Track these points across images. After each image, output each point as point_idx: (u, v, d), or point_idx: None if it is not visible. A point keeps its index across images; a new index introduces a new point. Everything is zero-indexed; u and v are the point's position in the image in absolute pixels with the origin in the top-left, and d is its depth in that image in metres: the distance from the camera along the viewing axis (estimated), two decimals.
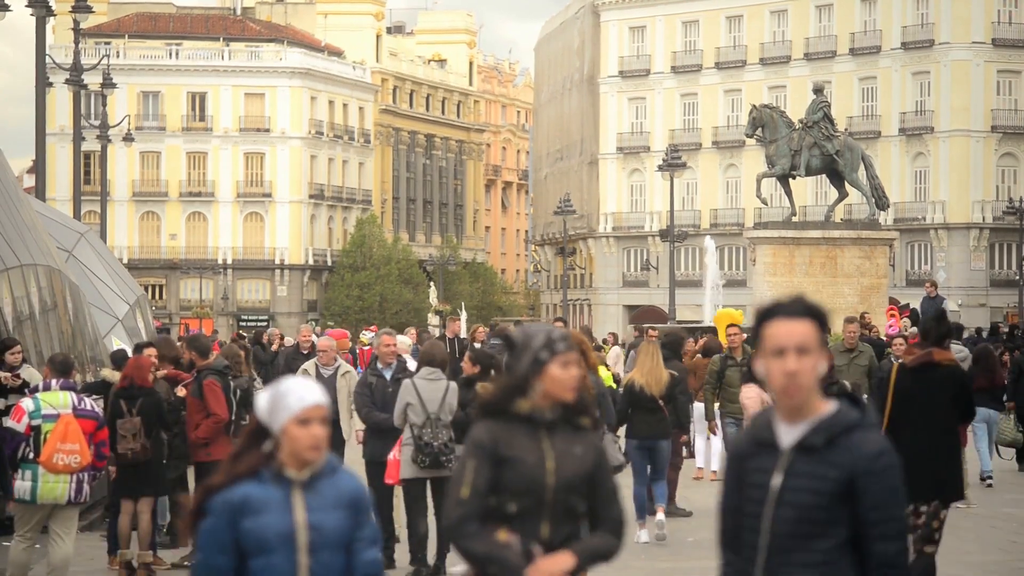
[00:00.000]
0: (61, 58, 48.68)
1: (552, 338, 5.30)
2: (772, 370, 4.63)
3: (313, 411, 4.97)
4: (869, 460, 4.55)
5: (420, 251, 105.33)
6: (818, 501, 4.57)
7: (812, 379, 4.61)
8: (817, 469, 4.58)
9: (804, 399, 4.61)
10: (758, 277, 41.83)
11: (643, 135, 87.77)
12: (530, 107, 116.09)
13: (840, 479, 4.56)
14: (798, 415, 4.63)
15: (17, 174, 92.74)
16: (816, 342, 4.62)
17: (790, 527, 4.59)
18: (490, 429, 5.24)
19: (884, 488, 4.56)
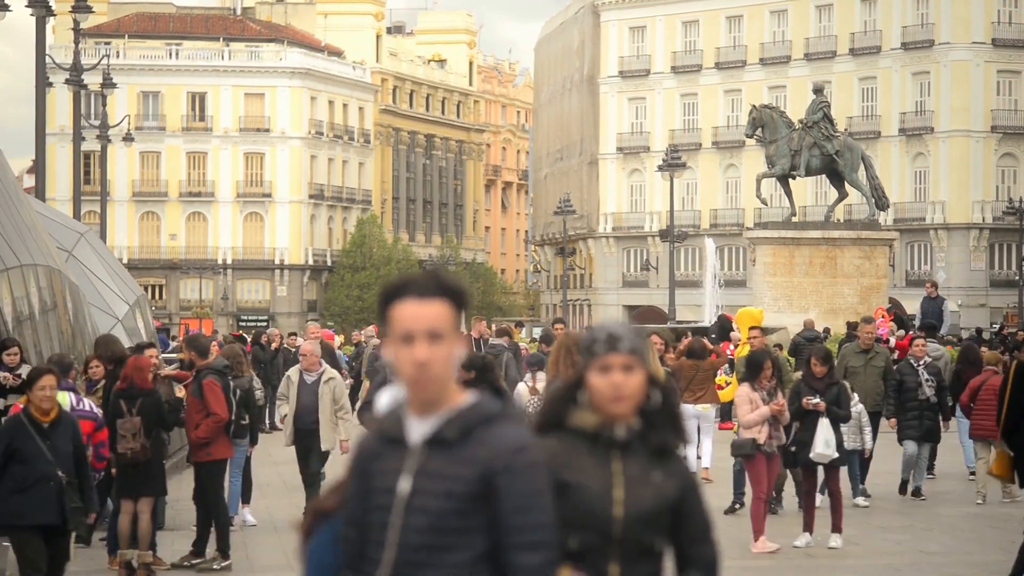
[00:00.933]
0: (61, 58, 48.68)
1: (594, 338, 4.47)
2: (400, 359, 3.99)
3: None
4: (509, 455, 3.96)
5: (420, 251, 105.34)
6: (452, 505, 3.96)
7: (446, 369, 4.00)
8: (450, 468, 3.97)
9: (437, 392, 4.00)
10: (758, 277, 41.84)
11: (643, 135, 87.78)
12: (530, 107, 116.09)
13: (475, 478, 3.95)
14: (431, 408, 4.01)
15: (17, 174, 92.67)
16: (451, 326, 3.99)
17: (421, 538, 3.95)
18: (549, 447, 4.35)
19: (525, 489, 3.95)
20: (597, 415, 4.38)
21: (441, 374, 3.99)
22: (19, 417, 10.80)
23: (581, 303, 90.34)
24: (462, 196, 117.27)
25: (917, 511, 17.62)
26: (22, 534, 10.63)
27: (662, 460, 4.42)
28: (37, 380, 10.75)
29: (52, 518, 10.52)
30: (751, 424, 14.29)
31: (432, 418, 4.00)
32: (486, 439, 3.97)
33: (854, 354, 18.91)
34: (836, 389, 15.04)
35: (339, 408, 16.14)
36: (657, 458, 4.42)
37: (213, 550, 13.80)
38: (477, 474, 3.94)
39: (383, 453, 4.04)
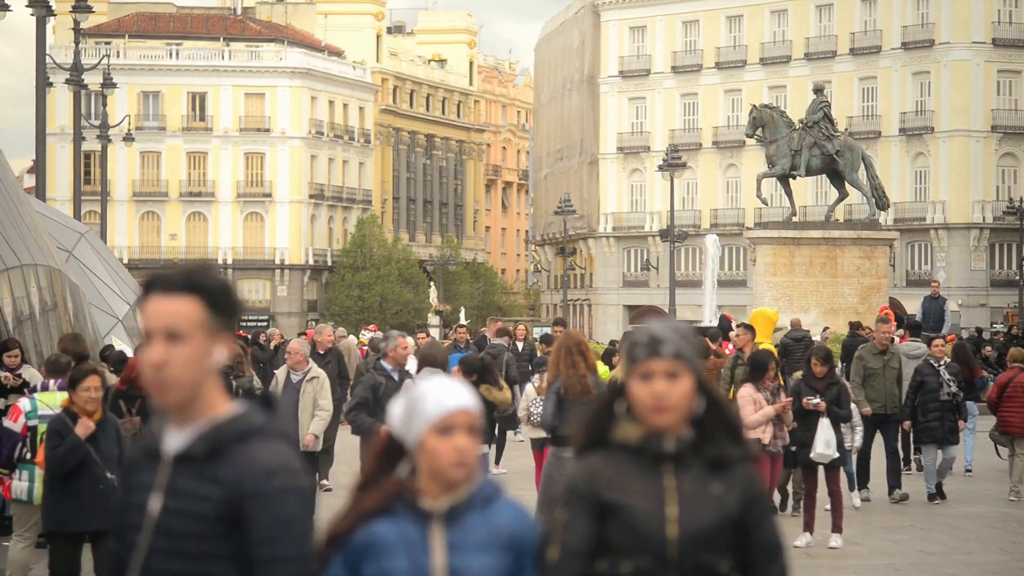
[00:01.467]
0: (61, 58, 48.70)
1: (635, 341, 4.08)
2: (141, 359, 3.63)
3: (457, 417, 3.88)
4: (260, 477, 3.53)
5: (420, 251, 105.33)
6: (197, 528, 3.54)
7: (187, 372, 3.56)
8: (198, 487, 3.55)
9: (179, 398, 3.56)
10: (758, 277, 41.84)
11: (643, 135, 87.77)
12: (530, 107, 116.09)
13: (222, 500, 3.53)
14: (186, 418, 3.59)
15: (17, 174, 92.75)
16: (198, 324, 3.58)
17: (165, 562, 3.55)
18: (589, 467, 4.02)
19: (276, 517, 3.53)
20: (641, 427, 4.02)
21: (180, 377, 3.54)
22: (63, 418, 10.55)
23: (581, 303, 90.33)
24: (462, 196, 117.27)
25: (917, 511, 17.62)
26: (59, 541, 10.46)
27: (721, 471, 4.02)
28: (82, 380, 10.45)
29: (103, 523, 10.04)
30: (755, 425, 14.29)
31: (187, 430, 3.58)
32: (238, 458, 3.54)
33: (872, 355, 18.40)
34: (836, 389, 15.04)
35: (318, 407, 16.25)
36: (715, 470, 4.01)
37: None
38: (224, 496, 3.52)
39: (141, 465, 3.65)
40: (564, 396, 12.22)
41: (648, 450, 4.01)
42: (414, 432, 3.88)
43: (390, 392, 13.35)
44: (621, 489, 3.99)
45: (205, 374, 3.63)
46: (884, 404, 18.06)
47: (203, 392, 3.63)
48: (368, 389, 13.42)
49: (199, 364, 3.59)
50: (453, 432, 3.85)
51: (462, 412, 3.88)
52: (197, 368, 3.58)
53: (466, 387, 3.95)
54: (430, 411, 3.87)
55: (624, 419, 4.06)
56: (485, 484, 3.92)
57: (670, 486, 3.99)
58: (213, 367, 3.65)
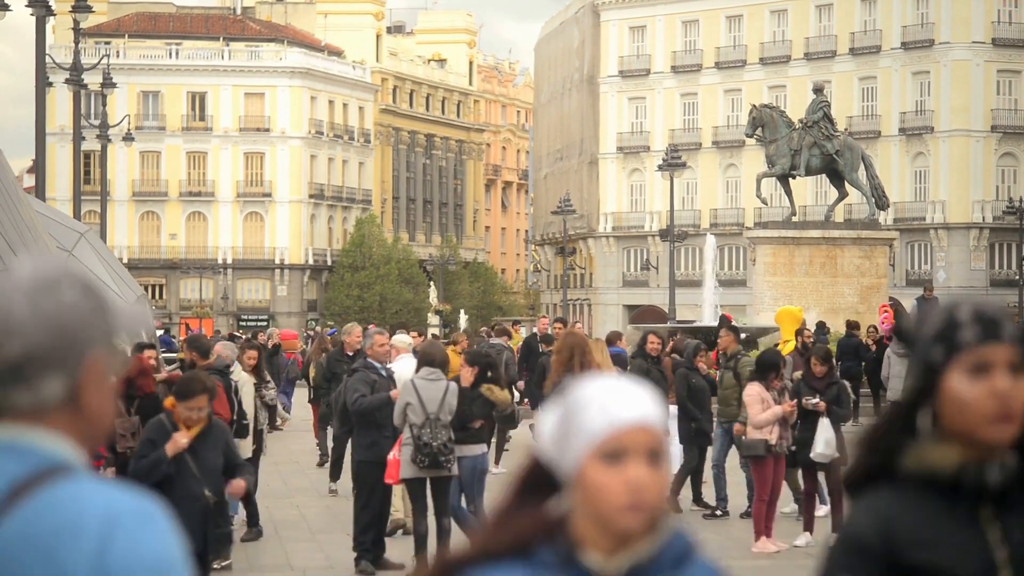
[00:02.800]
0: (61, 58, 48.70)
1: (957, 320, 2.86)
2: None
3: (632, 436, 2.61)
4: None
5: (420, 251, 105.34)
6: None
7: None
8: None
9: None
10: (758, 277, 41.83)
11: (643, 135, 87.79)
12: (530, 107, 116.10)
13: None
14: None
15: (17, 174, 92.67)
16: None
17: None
18: (878, 513, 2.86)
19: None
20: (958, 448, 2.83)
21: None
22: (162, 422, 9.63)
23: (581, 303, 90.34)
24: (462, 196, 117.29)
25: None
26: None
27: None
28: (190, 397, 9.42)
29: (194, 545, 8.82)
30: (763, 424, 14.29)
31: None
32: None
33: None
34: (836, 389, 15.03)
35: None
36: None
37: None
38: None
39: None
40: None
41: (966, 484, 2.81)
42: (570, 455, 2.65)
43: (382, 389, 13.46)
44: (930, 545, 2.83)
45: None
46: None
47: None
48: (365, 384, 13.53)
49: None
50: (626, 459, 2.60)
51: (640, 429, 2.62)
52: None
53: (647, 391, 2.68)
54: (593, 426, 2.62)
55: (929, 438, 2.86)
56: (675, 538, 2.69)
57: (994, 536, 2.84)
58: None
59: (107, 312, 2.42)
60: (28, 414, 2.36)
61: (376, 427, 13.39)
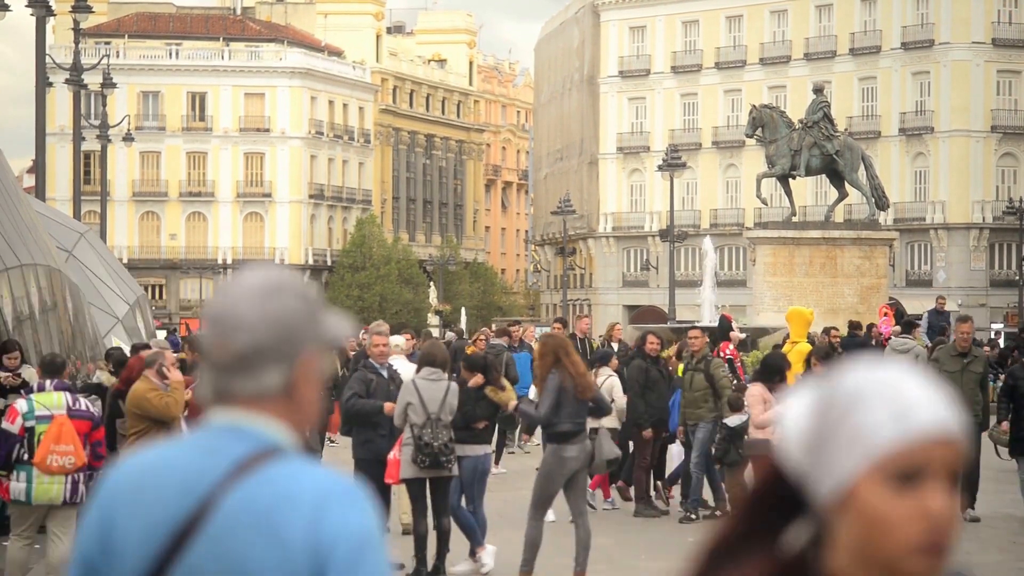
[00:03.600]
0: (61, 58, 48.70)
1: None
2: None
3: (935, 449, 1.98)
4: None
5: (420, 251, 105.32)
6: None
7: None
8: None
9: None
10: (758, 277, 41.83)
11: (643, 135, 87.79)
12: (530, 107, 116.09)
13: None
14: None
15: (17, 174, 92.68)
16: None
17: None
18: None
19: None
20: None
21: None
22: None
23: (581, 303, 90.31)
24: (462, 196, 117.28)
25: None
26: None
27: None
28: None
29: None
30: (765, 424, 14.31)
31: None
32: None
33: (949, 358, 16.77)
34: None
35: None
36: None
37: None
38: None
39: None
40: (563, 393, 12.41)
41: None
42: (835, 470, 2.00)
43: (381, 388, 13.43)
44: None
45: None
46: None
47: None
48: (361, 384, 13.52)
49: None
50: (923, 482, 1.98)
51: (943, 442, 1.99)
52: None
53: (942, 391, 2.03)
54: (879, 433, 1.98)
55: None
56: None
57: None
58: None
59: (320, 317, 2.82)
60: (250, 401, 2.67)
61: (372, 426, 13.40)
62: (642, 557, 14.15)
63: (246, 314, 2.75)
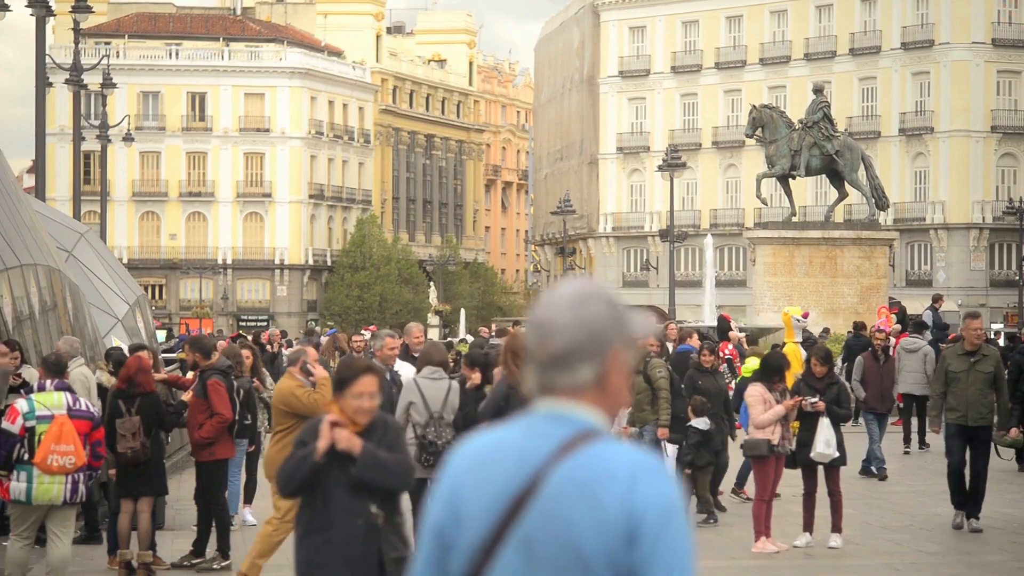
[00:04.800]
0: (61, 58, 48.72)
1: None
2: None
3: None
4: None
5: (420, 251, 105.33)
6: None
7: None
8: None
9: None
10: (758, 277, 41.84)
11: (643, 135, 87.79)
12: (530, 107, 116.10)
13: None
14: None
15: (17, 174, 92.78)
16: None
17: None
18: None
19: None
20: None
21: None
22: (317, 423, 7.66)
23: None
24: (462, 196, 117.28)
25: (917, 511, 17.61)
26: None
27: None
28: (353, 381, 7.22)
29: (358, 571, 7.09)
30: (765, 424, 14.31)
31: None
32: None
33: (956, 357, 15.87)
34: (836, 389, 15.03)
35: None
36: None
37: (213, 550, 13.81)
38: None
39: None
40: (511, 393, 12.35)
41: None
42: None
43: (385, 391, 13.29)
44: None
45: None
46: (965, 414, 15.59)
47: None
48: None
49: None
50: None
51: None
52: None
53: None
54: None
55: None
56: None
57: None
58: None
59: (624, 319, 3.29)
60: (569, 392, 3.23)
61: None
62: None
63: (562, 320, 3.23)
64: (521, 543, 3.17)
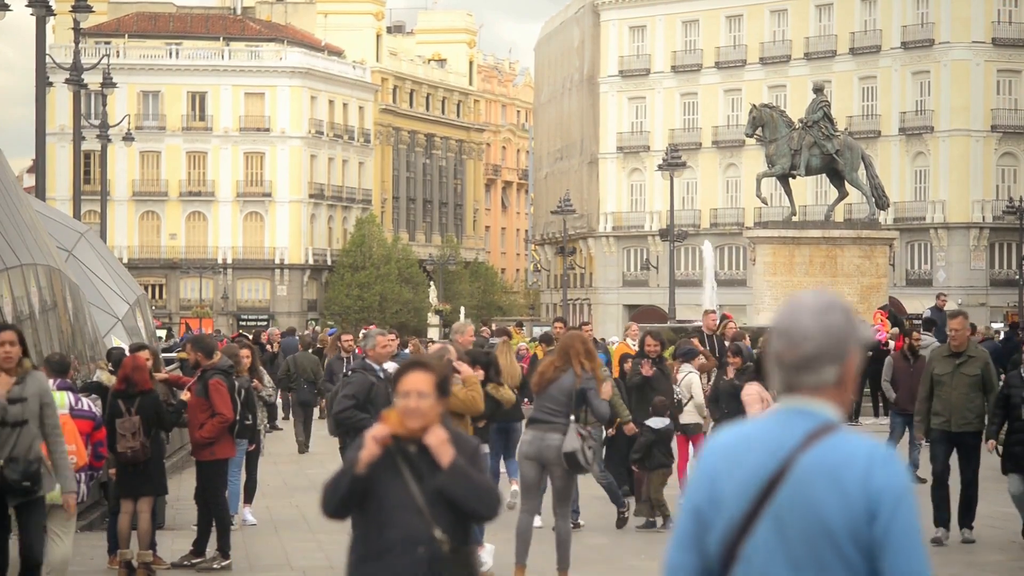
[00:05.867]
0: (61, 58, 48.72)
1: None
2: None
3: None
4: None
5: (420, 251, 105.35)
6: None
7: None
8: None
9: None
10: (758, 277, 41.83)
11: (643, 135, 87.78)
12: (530, 107, 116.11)
13: None
14: None
15: (17, 174, 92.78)
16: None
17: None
18: None
19: None
20: None
21: None
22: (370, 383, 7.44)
23: (581, 303, 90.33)
24: (462, 196, 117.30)
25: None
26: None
27: None
28: (399, 378, 5.98)
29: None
30: None
31: None
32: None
33: (940, 359, 15.03)
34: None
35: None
36: None
37: (213, 550, 13.81)
38: None
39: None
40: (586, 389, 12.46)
41: None
42: None
43: (380, 392, 13.14)
44: None
45: None
46: (949, 419, 14.72)
47: None
48: (363, 388, 13.23)
49: None
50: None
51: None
52: None
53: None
54: None
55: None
56: None
57: None
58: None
59: (858, 326, 3.80)
60: (812, 390, 3.78)
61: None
62: (641, 557, 14.14)
63: (809, 327, 3.76)
64: (774, 520, 3.69)
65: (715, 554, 3.75)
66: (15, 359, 10.28)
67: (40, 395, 10.21)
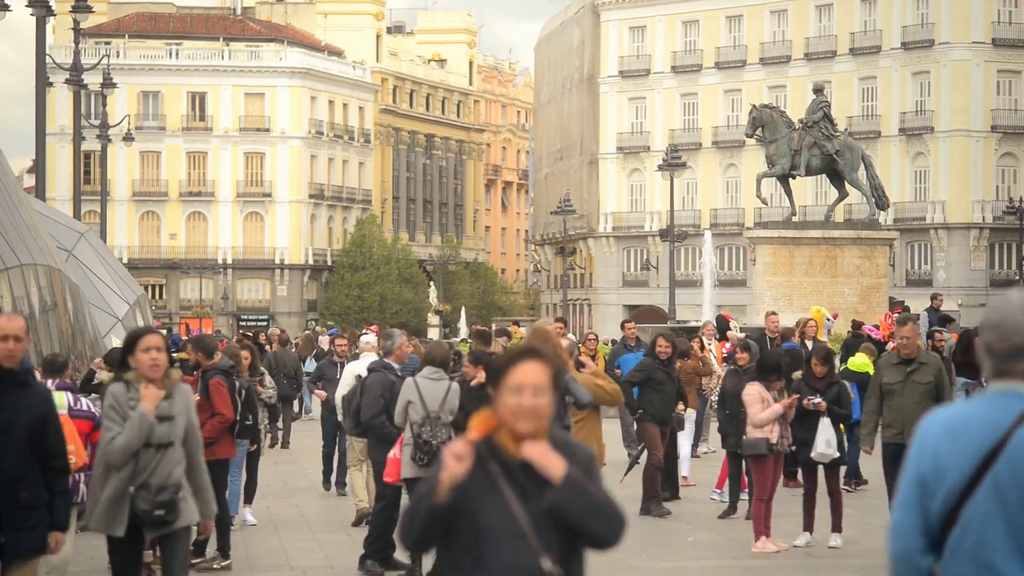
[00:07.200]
0: (61, 58, 48.72)
1: None
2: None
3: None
4: None
5: (420, 251, 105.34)
6: None
7: None
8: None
9: None
10: (758, 277, 41.84)
11: (643, 135, 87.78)
12: (530, 107, 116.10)
13: None
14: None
15: (17, 174, 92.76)
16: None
17: None
18: None
19: None
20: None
21: None
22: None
23: (581, 303, 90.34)
24: (462, 196, 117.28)
25: None
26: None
27: None
28: (507, 370, 4.92)
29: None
30: (763, 423, 14.28)
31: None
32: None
33: (890, 367, 14.46)
34: (836, 389, 15.01)
35: None
36: None
37: (213, 550, 13.81)
38: None
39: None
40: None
41: None
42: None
43: (398, 392, 13.33)
44: None
45: None
46: (902, 431, 13.84)
47: None
48: (386, 389, 13.45)
49: None
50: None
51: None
52: None
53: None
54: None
55: None
56: None
57: None
58: None
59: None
60: (1022, 375, 4.21)
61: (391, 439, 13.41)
62: (642, 557, 14.14)
63: (1020, 322, 4.20)
64: (992, 486, 4.11)
65: (936, 517, 4.19)
66: (163, 368, 8.79)
67: (187, 412, 8.87)
